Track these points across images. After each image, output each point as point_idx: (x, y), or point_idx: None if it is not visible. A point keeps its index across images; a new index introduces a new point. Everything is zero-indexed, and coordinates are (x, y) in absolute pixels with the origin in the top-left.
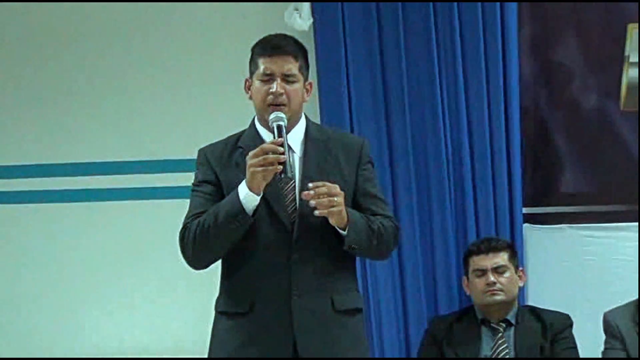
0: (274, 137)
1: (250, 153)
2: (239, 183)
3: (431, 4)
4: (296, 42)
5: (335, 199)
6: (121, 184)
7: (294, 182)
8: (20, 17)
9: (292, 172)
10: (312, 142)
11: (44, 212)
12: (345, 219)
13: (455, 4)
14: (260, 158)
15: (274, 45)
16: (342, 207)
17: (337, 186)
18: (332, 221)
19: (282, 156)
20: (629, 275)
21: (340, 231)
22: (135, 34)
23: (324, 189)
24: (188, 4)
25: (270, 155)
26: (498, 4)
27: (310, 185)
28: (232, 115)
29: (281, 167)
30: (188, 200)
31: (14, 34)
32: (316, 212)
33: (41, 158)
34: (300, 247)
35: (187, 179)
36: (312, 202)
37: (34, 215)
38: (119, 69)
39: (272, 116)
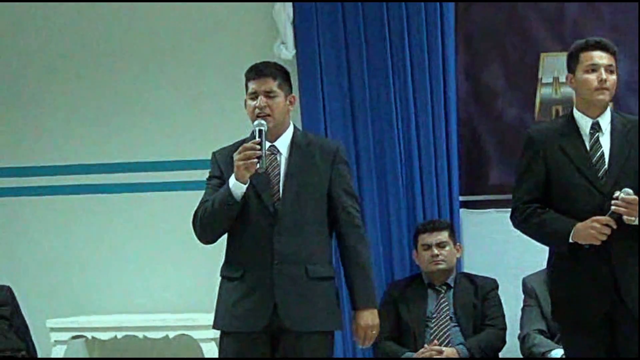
0: (255, 139)
1: (236, 152)
2: None
3: (388, 41)
4: (276, 65)
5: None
6: (146, 179)
7: (279, 176)
8: (18, 22)
9: (264, 164)
10: (296, 146)
11: (88, 202)
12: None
13: (407, 39)
14: (242, 155)
15: (256, 71)
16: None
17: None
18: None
19: (258, 152)
20: (541, 249)
21: None
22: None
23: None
24: (195, 33)
25: (249, 152)
26: (440, 38)
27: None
28: (233, 125)
29: (257, 160)
30: (192, 192)
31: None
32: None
33: (90, 159)
34: (280, 226)
35: (195, 175)
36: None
37: (84, 204)
38: (139, 85)
39: (255, 123)
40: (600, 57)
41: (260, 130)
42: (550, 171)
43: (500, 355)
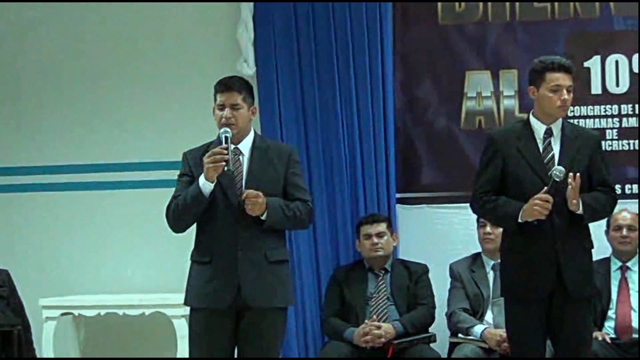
0: (222, 144)
1: (205, 155)
2: None
3: (335, 59)
4: (241, 80)
5: (259, 200)
6: (125, 178)
7: (242, 174)
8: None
9: (231, 167)
10: (256, 149)
11: (76, 198)
12: (264, 208)
13: (352, 58)
14: (211, 158)
15: (224, 85)
16: (262, 203)
17: (259, 193)
18: (255, 212)
19: (226, 156)
20: (464, 239)
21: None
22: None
23: (253, 196)
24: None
25: (218, 156)
26: (380, 57)
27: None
28: (201, 131)
29: (224, 163)
30: (165, 189)
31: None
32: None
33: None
34: (243, 218)
35: (167, 174)
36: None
37: (72, 200)
38: (122, 97)
39: (220, 130)
40: (564, 79)
41: (226, 137)
42: (507, 167)
43: (430, 329)
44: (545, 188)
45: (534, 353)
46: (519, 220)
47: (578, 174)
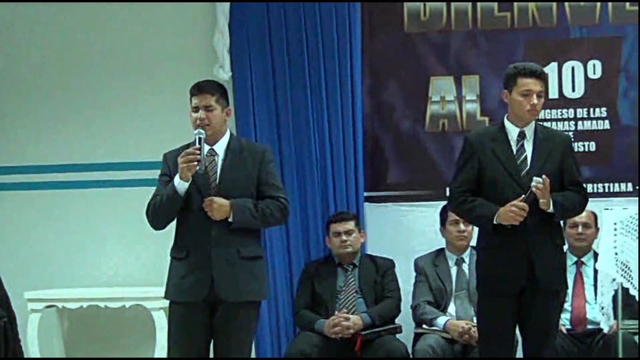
0: (196, 145)
1: (180, 155)
2: None
3: (307, 65)
4: (214, 83)
5: (214, 206)
6: (107, 177)
7: (216, 174)
8: None
9: (203, 167)
10: (230, 150)
11: (60, 196)
12: (226, 210)
13: (322, 64)
14: (185, 158)
15: (198, 88)
16: (221, 208)
17: (213, 198)
18: (217, 217)
19: (198, 157)
20: (429, 235)
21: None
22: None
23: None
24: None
25: (191, 157)
26: (349, 64)
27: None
28: (179, 132)
29: (197, 163)
30: (146, 188)
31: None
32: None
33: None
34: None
35: (148, 174)
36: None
37: (56, 198)
38: (105, 101)
39: (195, 132)
40: (535, 85)
41: (199, 138)
42: (482, 168)
43: (396, 321)
44: (523, 196)
45: (503, 343)
46: (494, 222)
47: (544, 176)
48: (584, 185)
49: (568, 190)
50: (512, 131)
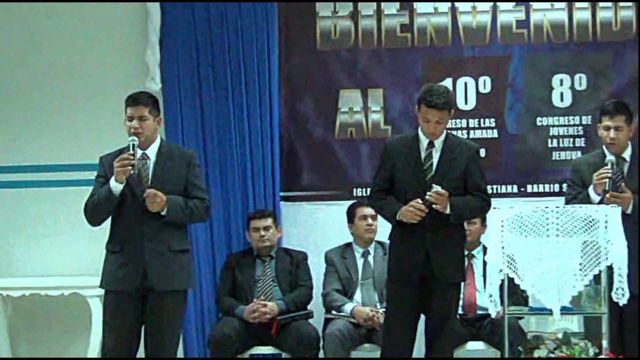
0: (129, 151)
1: (115, 159)
2: None
3: (229, 79)
4: (148, 95)
5: (157, 199)
6: (51, 177)
7: (148, 176)
8: None
9: (136, 170)
10: (161, 154)
11: (5, 194)
12: (163, 205)
13: (243, 77)
14: (120, 163)
15: (133, 99)
16: (161, 201)
17: (158, 192)
18: (155, 209)
19: (132, 161)
20: (338, 230)
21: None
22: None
23: (151, 195)
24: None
25: (125, 162)
26: (267, 77)
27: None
28: (114, 137)
29: (131, 167)
30: (84, 187)
31: None
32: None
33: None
34: (148, 214)
35: (87, 175)
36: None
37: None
38: (52, 109)
39: (129, 138)
40: (432, 115)
41: (133, 145)
42: (394, 171)
43: (309, 307)
44: (425, 199)
45: (404, 323)
46: (397, 218)
47: (440, 189)
48: (486, 190)
49: (469, 195)
50: (423, 141)
